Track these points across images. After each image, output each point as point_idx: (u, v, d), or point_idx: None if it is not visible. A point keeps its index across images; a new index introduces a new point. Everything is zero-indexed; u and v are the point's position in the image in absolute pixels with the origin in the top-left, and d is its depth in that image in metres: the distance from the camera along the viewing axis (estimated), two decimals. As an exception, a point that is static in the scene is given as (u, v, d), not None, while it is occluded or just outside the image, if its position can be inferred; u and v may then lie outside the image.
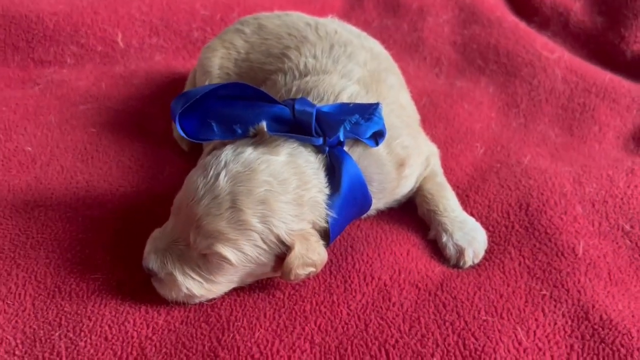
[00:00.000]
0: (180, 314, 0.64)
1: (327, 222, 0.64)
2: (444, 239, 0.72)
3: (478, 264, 0.71)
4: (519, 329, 0.63)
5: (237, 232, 0.60)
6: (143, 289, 0.66)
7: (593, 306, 0.65)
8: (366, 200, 0.67)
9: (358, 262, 0.69)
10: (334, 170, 0.64)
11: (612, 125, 0.92)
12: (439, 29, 1.10)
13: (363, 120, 0.65)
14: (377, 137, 0.66)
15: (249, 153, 0.62)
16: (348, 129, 0.64)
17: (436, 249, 0.73)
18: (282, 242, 0.61)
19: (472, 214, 0.76)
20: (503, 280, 0.68)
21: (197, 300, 0.64)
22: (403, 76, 0.83)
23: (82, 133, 0.90)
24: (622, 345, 0.61)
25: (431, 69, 1.05)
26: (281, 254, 0.62)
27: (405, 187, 0.74)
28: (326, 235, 0.64)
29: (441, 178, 0.77)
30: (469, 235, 0.72)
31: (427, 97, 0.96)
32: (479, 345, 0.61)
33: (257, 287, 0.67)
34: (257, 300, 0.66)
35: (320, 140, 0.64)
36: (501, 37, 1.05)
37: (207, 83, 0.81)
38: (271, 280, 0.68)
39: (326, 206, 0.63)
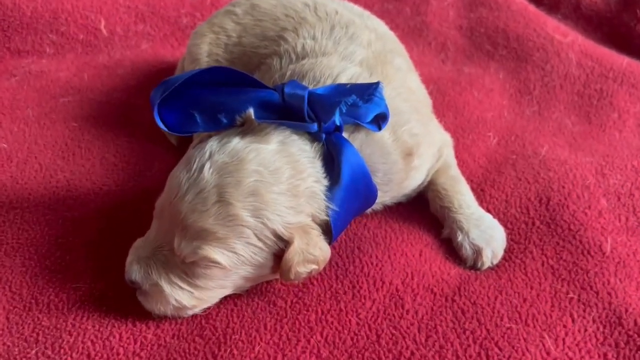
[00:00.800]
0: (171, 327, 0.58)
1: (328, 215, 0.57)
2: (460, 238, 0.66)
3: (497, 265, 0.65)
4: (546, 336, 0.57)
5: (226, 229, 0.53)
6: (130, 300, 0.59)
7: (626, 310, 0.59)
8: (370, 192, 0.61)
9: (367, 265, 0.63)
10: (332, 160, 0.57)
11: (632, 112, 0.86)
12: (444, 12, 1.03)
13: (362, 101, 0.58)
14: (380, 120, 0.60)
15: (236, 142, 0.55)
16: (344, 111, 0.57)
17: (451, 249, 0.67)
18: (280, 238, 0.55)
19: (488, 210, 0.70)
20: (526, 282, 0.62)
21: (188, 313, 0.58)
22: (408, 62, 0.77)
23: (63, 128, 0.83)
24: (661, 354, 0.55)
25: (437, 55, 0.98)
26: (279, 251, 0.56)
27: (414, 180, 0.67)
28: (328, 231, 0.58)
29: (455, 171, 0.71)
30: (486, 234, 0.65)
31: (433, 85, 0.89)
32: (504, 356, 0.55)
33: (255, 294, 0.61)
34: (256, 309, 0.59)
35: (315, 127, 0.57)
36: (510, 20, 0.99)
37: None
38: (271, 286, 0.62)
39: (325, 198, 0.57)
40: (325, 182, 0.57)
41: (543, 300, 0.60)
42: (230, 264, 0.54)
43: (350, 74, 0.63)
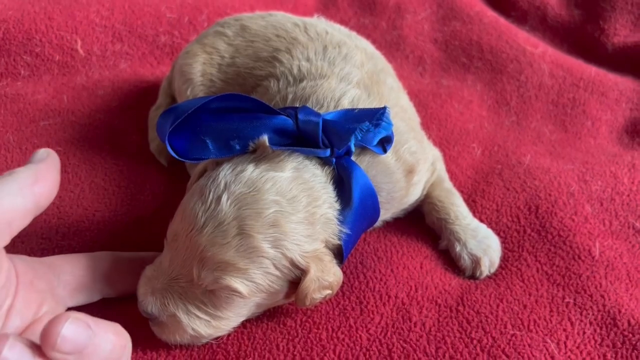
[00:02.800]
0: (182, 353, 0.58)
1: (340, 239, 0.58)
2: (458, 248, 0.68)
3: (494, 274, 0.67)
4: (549, 341, 0.59)
5: (247, 260, 0.53)
6: (136, 327, 0.58)
7: (619, 311, 0.62)
8: (375, 212, 0.62)
9: (371, 280, 0.64)
10: (342, 183, 0.58)
11: (604, 120, 0.90)
12: (419, 26, 1.06)
13: (372, 127, 0.59)
14: (385, 143, 0.61)
15: (251, 171, 0.55)
16: (360, 138, 0.58)
17: (449, 260, 0.69)
18: (296, 266, 0.55)
19: (481, 220, 0.72)
20: (524, 289, 0.64)
21: (203, 341, 0.58)
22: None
23: (46, 152, 0.81)
24: (655, 351, 0.58)
25: (415, 68, 1.01)
26: (295, 278, 0.56)
27: (413, 196, 0.69)
28: (339, 254, 0.59)
29: (448, 184, 0.73)
30: (483, 244, 0.68)
31: (414, 98, 0.91)
32: (511, 363, 0.57)
33: (265, 316, 0.61)
34: (266, 331, 0.60)
35: (328, 152, 0.58)
36: (483, 32, 1.02)
37: (189, 91, 0.74)
38: (280, 307, 0.62)
39: (338, 222, 0.58)
40: (337, 206, 0.58)
41: (542, 305, 0.63)
42: (249, 292, 0.54)
43: (351, 96, 0.64)
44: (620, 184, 0.76)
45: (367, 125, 0.58)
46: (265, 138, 0.57)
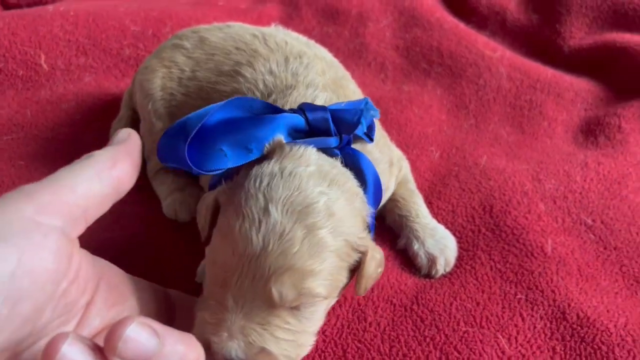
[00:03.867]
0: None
1: (369, 216, 0.59)
2: (416, 247, 0.69)
3: (450, 273, 0.69)
4: (500, 337, 0.61)
5: (319, 259, 0.51)
6: None
7: (569, 305, 0.64)
8: (381, 195, 0.63)
9: (328, 282, 0.65)
10: (352, 168, 0.59)
11: (560, 120, 0.92)
12: (381, 34, 1.08)
13: (368, 114, 0.61)
14: (369, 131, 0.63)
15: (280, 173, 0.53)
16: (365, 124, 0.60)
17: (405, 260, 0.70)
18: (356, 250, 0.55)
19: (437, 221, 0.73)
20: (477, 287, 0.66)
21: None
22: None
23: (9, 167, 0.81)
24: (603, 343, 0.60)
25: (377, 75, 1.03)
26: (352, 265, 0.56)
27: (391, 190, 0.71)
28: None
29: (412, 185, 0.75)
30: (440, 243, 0.69)
31: (376, 104, 0.93)
32: (463, 359, 0.58)
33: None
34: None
35: (337, 141, 0.59)
36: (443, 38, 1.04)
37: (149, 106, 0.74)
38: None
39: (367, 203, 0.59)
40: (361, 189, 0.59)
41: (494, 302, 0.64)
42: (328, 293, 0.53)
43: (323, 99, 0.64)
44: (573, 182, 0.78)
45: (366, 112, 0.60)
46: (281, 137, 0.57)
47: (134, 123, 0.83)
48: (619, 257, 0.70)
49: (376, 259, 0.56)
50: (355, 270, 0.56)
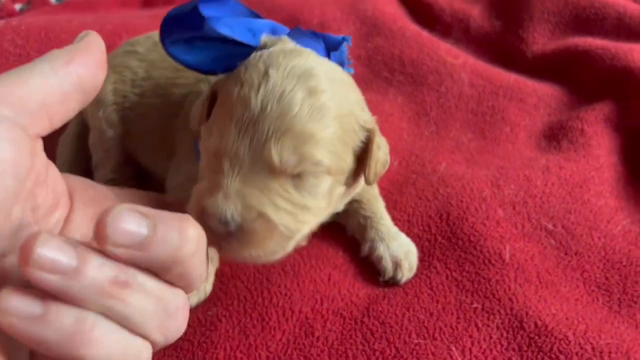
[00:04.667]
0: None
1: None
2: (381, 249, 0.66)
3: (405, 282, 0.66)
4: (453, 349, 0.58)
5: (321, 124, 0.49)
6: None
7: (527, 313, 0.61)
8: None
9: (275, 295, 0.62)
10: None
11: (522, 125, 0.91)
12: (342, 43, 1.06)
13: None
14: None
15: (281, 47, 0.52)
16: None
17: (361, 269, 0.67)
18: (362, 127, 0.54)
19: (393, 230, 0.71)
20: (432, 297, 0.63)
21: (287, 248, 0.52)
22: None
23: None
24: (561, 352, 0.57)
25: (338, 84, 1.01)
26: (357, 148, 0.54)
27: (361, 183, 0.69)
28: None
29: (376, 190, 0.73)
30: (404, 247, 0.67)
31: (335, 113, 0.91)
32: (414, 373, 0.56)
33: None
34: (159, 355, 0.57)
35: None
36: (405, 46, 1.03)
37: (100, 113, 0.72)
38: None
39: None
40: None
41: (449, 312, 0.62)
42: (330, 165, 0.50)
43: None
44: (534, 186, 0.76)
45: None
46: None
47: (82, 139, 0.80)
48: (580, 263, 0.68)
49: (384, 144, 0.55)
50: (362, 158, 0.54)
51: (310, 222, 0.53)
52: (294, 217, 0.50)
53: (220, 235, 0.47)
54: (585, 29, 1.03)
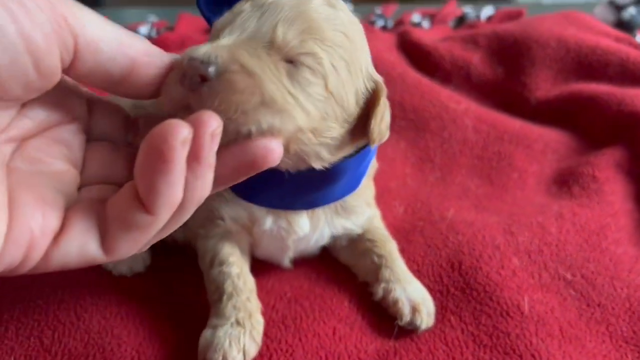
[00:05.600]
0: None
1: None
2: (397, 292, 0.61)
3: (418, 335, 0.60)
4: (475, 411, 0.52)
5: (331, 31, 0.46)
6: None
7: (552, 372, 0.55)
8: (369, 162, 0.64)
9: (275, 352, 0.57)
10: None
11: (530, 171, 0.87)
12: (341, 88, 1.04)
13: None
14: None
15: None
16: None
17: (368, 321, 0.62)
18: (370, 77, 0.50)
19: (401, 280, 0.66)
20: (447, 353, 0.58)
21: (254, 123, 0.41)
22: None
23: None
24: (594, 415, 0.52)
25: (337, 130, 0.97)
26: (360, 93, 0.49)
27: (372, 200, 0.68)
28: None
29: (387, 232, 0.69)
30: (421, 292, 0.62)
31: (336, 159, 0.87)
32: None
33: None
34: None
35: None
36: (405, 93, 1.00)
37: None
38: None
39: None
40: None
41: (467, 370, 0.56)
42: (330, 75, 0.46)
43: None
44: (548, 234, 0.72)
45: None
46: None
47: None
48: (604, 315, 0.63)
49: (388, 113, 0.52)
50: (363, 115, 0.50)
51: (297, 121, 0.44)
52: (281, 95, 0.43)
53: (193, 86, 0.40)
54: (589, 75, 1.01)
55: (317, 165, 0.51)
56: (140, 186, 0.35)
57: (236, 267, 0.61)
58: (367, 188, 0.67)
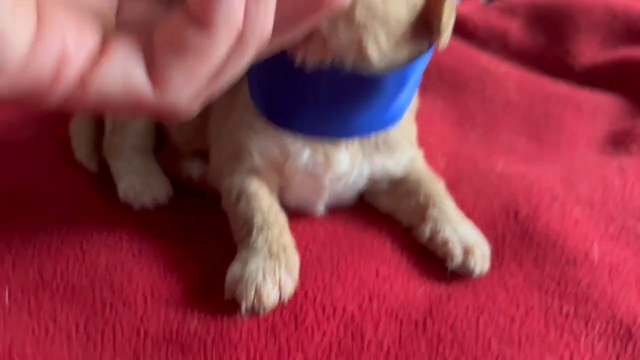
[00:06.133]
0: None
1: None
2: (447, 232, 0.53)
3: (473, 281, 0.52)
4: (549, 358, 0.44)
5: None
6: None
7: (634, 321, 0.47)
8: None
9: (311, 290, 0.49)
10: None
11: (581, 133, 0.80)
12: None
13: None
14: None
15: None
16: None
17: (414, 264, 0.54)
18: None
19: (450, 227, 0.58)
20: (509, 300, 0.50)
21: None
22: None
23: None
24: (689, 367, 0.43)
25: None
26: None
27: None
28: None
29: (431, 173, 0.62)
30: (473, 233, 0.54)
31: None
32: (502, 388, 0.41)
33: (164, 340, 0.45)
34: (164, 357, 0.43)
35: None
36: (440, 55, 0.93)
37: None
38: (186, 328, 0.45)
39: None
40: None
41: (534, 318, 0.48)
42: None
43: None
44: (612, 186, 0.64)
45: None
46: None
47: (98, 118, 0.70)
48: (683, 269, 0.55)
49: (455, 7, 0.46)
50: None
51: None
52: None
53: None
54: (637, 41, 0.94)
55: (373, 54, 0.45)
56: None
57: (266, 201, 0.54)
58: (409, 124, 0.60)
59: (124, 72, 0.30)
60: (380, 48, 0.46)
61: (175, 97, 0.31)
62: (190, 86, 0.31)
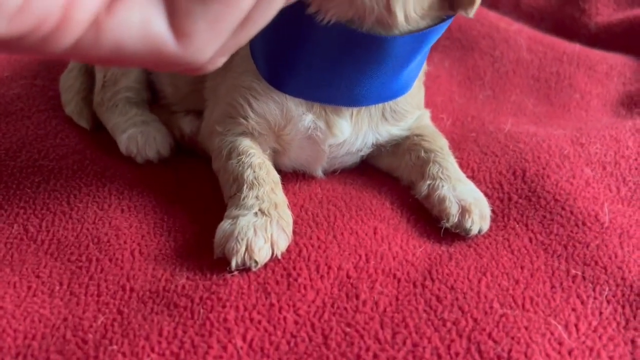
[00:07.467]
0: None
1: None
2: (445, 190, 0.51)
3: (475, 242, 0.50)
4: (553, 323, 0.42)
5: None
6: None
7: (645, 285, 0.45)
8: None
9: (305, 248, 0.46)
10: None
11: (594, 94, 0.76)
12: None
13: None
14: None
15: None
16: None
17: (414, 224, 0.51)
18: None
19: (454, 187, 0.55)
20: (514, 261, 0.47)
21: None
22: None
23: None
24: (702, 333, 0.41)
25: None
26: None
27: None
28: None
29: (436, 129, 0.60)
30: (473, 192, 0.52)
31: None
32: (503, 351, 0.39)
33: (150, 297, 0.43)
34: (148, 314, 0.41)
35: None
36: (449, 13, 0.89)
37: None
38: (174, 285, 0.43)
39: None
40: None
41: (540, 280, 0.46)
42: None
43: None
44: (625, 147, 0.61)
45: None
46: None
47: (88, 73, 0.67)
48: (698, 233, 0.52)
49: None
50: None
51: None
52: None
53: None
54: (657, 0, 0.90)
55: (400, 17, 0.44)
56: None
57: (257, 158, 0.51)
58: (418, 90, 0.58)
59: (143, 19, 0.26)
60: (408, 12, 0.44)
61: (199, 49, 0.28)
62: (216, 36, 0.28)
